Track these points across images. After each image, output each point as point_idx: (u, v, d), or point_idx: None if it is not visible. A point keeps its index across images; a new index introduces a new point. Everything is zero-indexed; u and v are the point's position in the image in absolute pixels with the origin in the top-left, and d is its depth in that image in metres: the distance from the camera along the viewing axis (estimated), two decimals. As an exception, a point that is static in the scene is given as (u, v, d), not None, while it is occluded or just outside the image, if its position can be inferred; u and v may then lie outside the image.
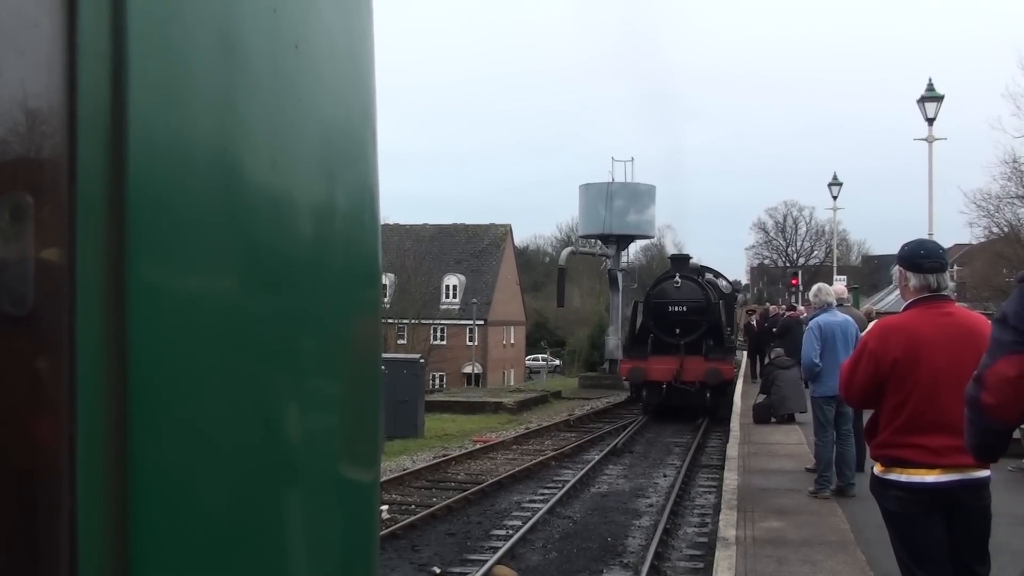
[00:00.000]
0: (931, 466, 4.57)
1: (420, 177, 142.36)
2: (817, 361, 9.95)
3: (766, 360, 20.89)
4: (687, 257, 31.35)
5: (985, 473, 4.65)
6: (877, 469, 4.84)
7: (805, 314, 23.50)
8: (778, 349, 18.60)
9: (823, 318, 10.20)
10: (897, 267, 4.97)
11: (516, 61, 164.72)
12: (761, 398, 18.38)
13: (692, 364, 25.89)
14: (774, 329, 22.30)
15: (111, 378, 0.81)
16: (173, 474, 0.88)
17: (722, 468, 14.49)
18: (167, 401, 0.87)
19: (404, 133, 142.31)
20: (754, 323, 28.75)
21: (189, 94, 0.90)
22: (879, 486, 4.85)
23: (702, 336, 26.75)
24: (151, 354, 0.85)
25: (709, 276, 30.97)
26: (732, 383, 26.05)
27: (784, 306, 29.49)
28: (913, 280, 4.80)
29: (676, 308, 27.13)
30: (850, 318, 10.66)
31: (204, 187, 0.92)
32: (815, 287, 11.62)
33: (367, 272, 1.28)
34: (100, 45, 0.81)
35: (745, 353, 35.60)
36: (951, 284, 5.11)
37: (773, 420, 17.49)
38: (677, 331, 26.72)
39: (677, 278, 27.74)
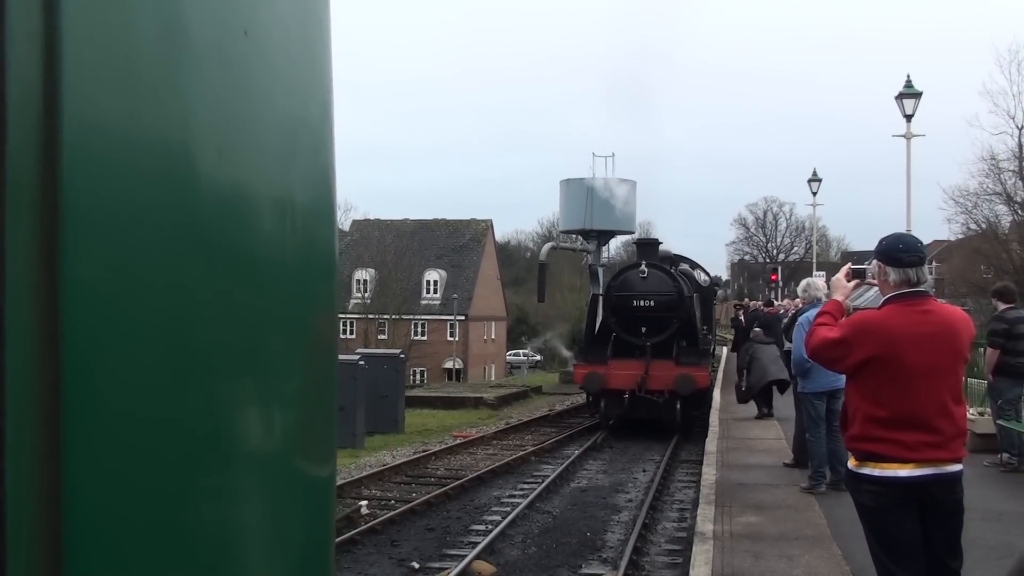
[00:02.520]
0: (904, 460, 4.59)
1: (401, 172, 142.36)
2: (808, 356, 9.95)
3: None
4: (655, 242, 26.08)
5: (958, 468, 4.68)
6: (851, 463, 4.86)
7: (784, 310, 23.66)
8: (757, 329, 18.71)
9: (813, 313, 10.21)
10: (876, 261, 4.97)
11: (492, 55, 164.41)
12: (742, 389, 18.48)
13: (660, 370, 21.71)
14: (755, 325, 22.37)
15: (43, 368, 0.79)
16: (108, 467, 0.85)
17: (701, 463, 14.53)
18: (104, 393, 0.84)
19: (384, 128, 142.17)
20: (742, 319, 26.44)
21: (128, 78, 0.87)
22: (853, 480, 4.87)
23: (672, 336, 22.46)
24: (87, 345, 0.83)
25: (684, 266, 27.12)
26: (707, 392, 22.55)
27: (762, 302, 29.00)
28: (892, 274, 4.81)
29: (642, 303, 22.66)
30: None
31: (143, 174, 0.89)
32: (804, 282, 11.68)
33: (322, 265, 1.25)
34: (31, 25, 0.78)
35: (726, 349, 35.57)
36: (929, 278, 5.13)
37: (755, 402, 17.61)
38: (643, 330, 22.33)
39: (643, 267, 22.95)
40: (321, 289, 1.25)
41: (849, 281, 5.34)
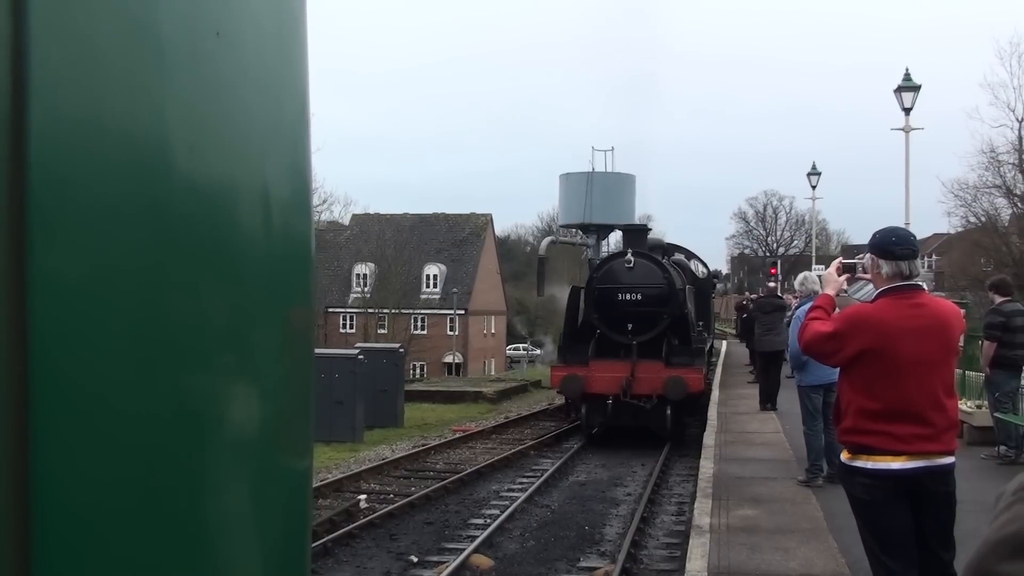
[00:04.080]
0: (896, 453, 4.61)
1: (400, 165, 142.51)
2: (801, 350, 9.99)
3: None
4: (644, 229, 23.54)
5: (950, 460, 4.71)
6: (844, 456, 4.89)
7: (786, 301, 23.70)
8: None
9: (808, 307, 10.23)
10: (869, 255, 5.00)
11: (486, 40, 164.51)
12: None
13: (647, 371, 19.30)
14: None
15: (11, 361, 0.80)
16: (79, 462, 0.86)
17: (700, 457, 14.57)
18: (74, 386, 0.86)
19: (386, 121, 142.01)
20: (749, 305, 25.39)
21: (97, 79, 0.88)
22: (846, 473, 4.90)
23: (662, 334, 19.98)
24: (56, 338, 0.84)
25: (679, 256, 25.31)
26: (701, 397, 20.16)
27: (760, 293, 29.05)
28: (885, 267, 4.84)
29: (627, 296, 20.06)
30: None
31: (113, 169, 0.90)
32: (801, 276, 11.73)
33: (299, 259, 1.26)
34: (-2, 27, 0.80)
35: (726, 343, 35.54)
36: (923, 272, 5.16)
37: (747, 364, 17.87)
38: (629, 327, 19.84)
39: (629, 256, 20.32)
40: (298, 284, 1.26)
41: (840, 275, 5.37)
